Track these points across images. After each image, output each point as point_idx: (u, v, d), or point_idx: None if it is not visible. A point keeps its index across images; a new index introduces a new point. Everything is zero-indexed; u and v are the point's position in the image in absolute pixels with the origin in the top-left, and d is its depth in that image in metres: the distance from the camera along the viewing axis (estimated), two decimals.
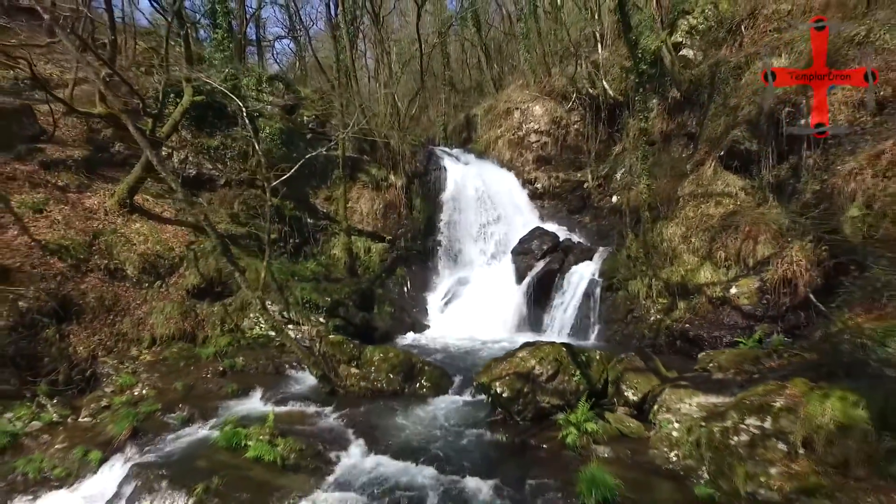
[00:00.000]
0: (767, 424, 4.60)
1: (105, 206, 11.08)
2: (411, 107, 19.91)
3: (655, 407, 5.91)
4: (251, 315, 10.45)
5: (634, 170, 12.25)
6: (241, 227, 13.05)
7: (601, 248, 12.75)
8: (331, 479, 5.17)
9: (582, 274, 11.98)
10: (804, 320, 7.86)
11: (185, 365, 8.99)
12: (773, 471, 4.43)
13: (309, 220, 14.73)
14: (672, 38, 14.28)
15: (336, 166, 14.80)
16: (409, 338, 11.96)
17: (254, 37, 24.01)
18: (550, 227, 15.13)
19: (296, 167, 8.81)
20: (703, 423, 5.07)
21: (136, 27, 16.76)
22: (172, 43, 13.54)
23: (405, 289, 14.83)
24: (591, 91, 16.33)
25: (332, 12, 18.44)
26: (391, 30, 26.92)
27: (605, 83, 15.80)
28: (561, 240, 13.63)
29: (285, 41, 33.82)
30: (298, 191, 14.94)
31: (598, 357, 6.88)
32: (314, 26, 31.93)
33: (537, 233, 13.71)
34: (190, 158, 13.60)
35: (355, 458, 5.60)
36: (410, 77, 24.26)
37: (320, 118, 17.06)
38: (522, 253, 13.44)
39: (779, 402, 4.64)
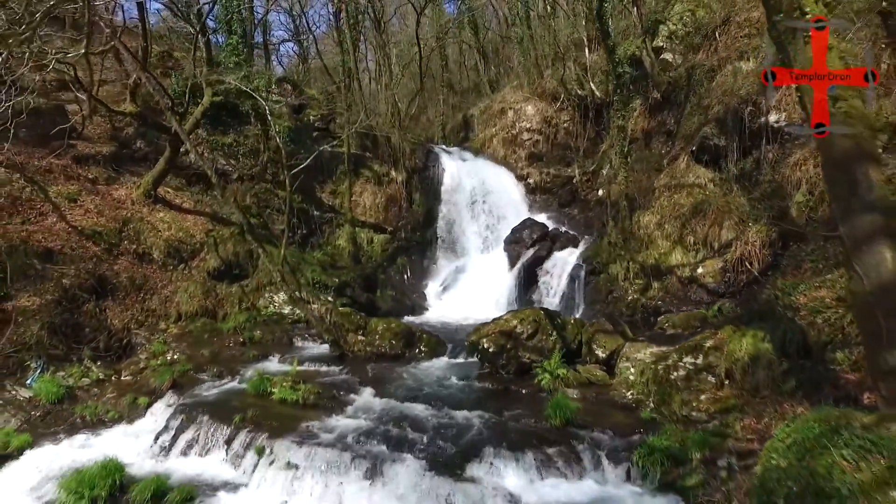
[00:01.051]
0: (699, 361, 5.68)
1: (132, 196, 12.14)
2: (411, 107, 21.01)
3: (618, 359, 6.98)
4: (266, 295, 11.50)
5: (615, 164, 13.31)
6: (254, 218, 14.09)
7: (586, 237, 13.84)
8: (345, 412, 6.24)
9: (567, 259, 13.07)
10: (757, 293, 8.92)
11: (208, 337, 10.05)
12: (702, 397, 5.51)
13: (315, 212, 15.80)
14: (654, 43, 15.36)
15: (340, 162, 15.87)
16: (409, 319, 12.98)
17: (259, 40, 25.05)
18: (542, 219, 16.18)
19: (310, 158, 9.88)
20: (652, 366, 6.14)
21: (150, 31, 17.85)
22: (190, 46, 14.67)
23: (405, 276, 15.90)
24: (579, 92, 17.42)
25: (336, 18, 19.49)
26: (391, 33, 28.01)
27: (592, 85, 16.88)
28: (549, 229, 14.69)
29: (288, 44, 34.83)
30: (305, 185, 15.94)
31: (572, 321, 7.96)
32: (317, 30, 32.97)
33: (528, 223, 14.79)
34: (206, 154, 14.62)
35: (364, 399, 6.68)
36: (410, 79, 25.33)
37: (325, 117, 18.12)
38: (514, 242, 14.52)
39: (709, 343, 5.72)
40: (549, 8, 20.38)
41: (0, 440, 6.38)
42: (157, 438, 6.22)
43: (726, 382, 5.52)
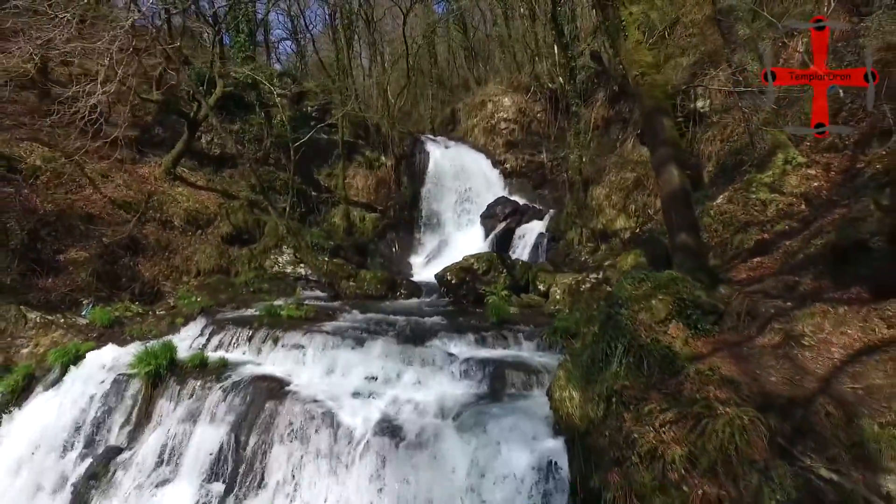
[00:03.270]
0: (600, 276, 7.66)
1: (154, 174, 14.06)
2: (399, 99, 22.90)
3: (552, 287, 8.95)
4: (271, 257, 13.43)
5: (572, 145, 15.28)
6: (258, 195, 15.99)
7: (551, 211, 15.81)
8: (338, 320, 8.19)
9: (533, 229, 15.05)
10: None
11: (224, 288, 11.98)
12: (601, 303, 7.46)
13: (313, 193, 17.73)
14: None
15: (336, 148, 17.79)
16: None
17: (261, 39, 26.88)
18: (518, 199, 18.13)
19: (311, 132, 11.77)
20: (570, 284, 8.12)
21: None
22: (195, 44, 16.56)
23: (394, 249, 17.86)
24: (550, 86, 19.39)
25: (332, 19, 21.40)
26: (385, 32, 29.88)
27: (561, 79, 18.84)
28: (520, 205, 16.67)
29: (286, 43, 36.71)
30: (304, 169, 17.86)
31: (520, 263, 9.94)
32: (314, 28, 34.87)
33: (501, 200, 16.77)
34: (215, 140, 16.55)
35: (353, 314, 8.64)
36: (401, 74, 27.22)
37: (322, 107, 20.03)
38: (489, 216, 16.49)
39: (607, 263, 7.70)
40: (522, 10, 22.35)
41: (72, 349, 8.29)
42: (193, 342, 8.13)
43: None
